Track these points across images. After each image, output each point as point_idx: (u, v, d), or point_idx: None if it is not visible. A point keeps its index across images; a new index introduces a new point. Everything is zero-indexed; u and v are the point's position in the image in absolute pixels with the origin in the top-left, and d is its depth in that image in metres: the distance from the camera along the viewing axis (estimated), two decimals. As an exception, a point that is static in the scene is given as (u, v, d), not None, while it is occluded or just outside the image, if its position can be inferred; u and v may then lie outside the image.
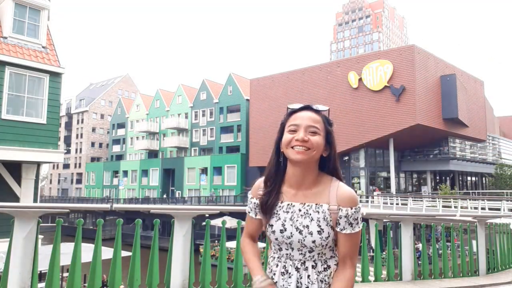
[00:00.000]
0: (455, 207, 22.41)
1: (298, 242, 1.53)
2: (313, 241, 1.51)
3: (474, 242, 7.04)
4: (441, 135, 37.29)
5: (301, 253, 1.54)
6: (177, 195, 49.84)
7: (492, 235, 7.49)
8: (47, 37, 13.23)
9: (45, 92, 12.29)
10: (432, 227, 15.73)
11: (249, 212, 1.71)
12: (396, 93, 33.72)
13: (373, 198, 31.03)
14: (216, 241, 23.94)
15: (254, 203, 1.67)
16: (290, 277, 1.54)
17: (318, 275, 1.53)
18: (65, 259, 3.94)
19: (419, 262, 6.02)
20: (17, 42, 12.24)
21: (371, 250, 13.82)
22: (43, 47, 12.83)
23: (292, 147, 1.52)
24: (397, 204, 26.22)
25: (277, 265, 1.59)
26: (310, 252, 1.53)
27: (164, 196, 50.09)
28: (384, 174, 40.42)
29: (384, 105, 34.39)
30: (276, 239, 1.57)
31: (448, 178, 44.59)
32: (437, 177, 45.30)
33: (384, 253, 6.70)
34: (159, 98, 60.26)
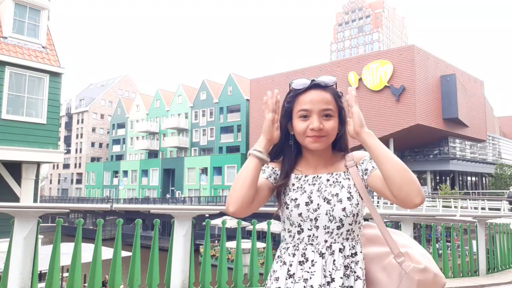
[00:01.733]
0: (455, 207, 22.41)
1: (326, 214, 1.35)
2: (343, 209, 1.35)
3: (474, 242, 7.04)
4: (441, 135, 37.31)
5: (328, 232, 1.35)
6: (177, 195, 49.85)
7: (492, 235, 7.49)
8: (47, 37, 13.24)
9: (45, 92, 12.29)
10: (432, 227, 15.72)
11: (263, 171, 1.47)
12: (396, 93, 33.73)
13: (373, 198, 31.05)
14: (216, 241, 23.94)
15: (272, 168, 1.48)
16: (313, 265, 1.32)
17: (344, 260, 1.33)
18: (65, 259, 3.94)
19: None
20: (17, 42, 12.24)
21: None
22: (43, 47, 12.83)
23: (307, 136, 1.39)
24: (397, 204, 26.19)
25: (293, 254, 1.36)
26: (338, 228, 1.35)
27: (167, 195, 50.09)
28: (384, 174, 40.40)
29: (384, 105, 34.39)
30: (300, 214, 1.37)
31: (448, 178, 44.60)
32: (437, 177, 45.30)
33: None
34: (159, 98, 60.27)
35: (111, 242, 4.23)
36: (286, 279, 1.34)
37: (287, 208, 1.40)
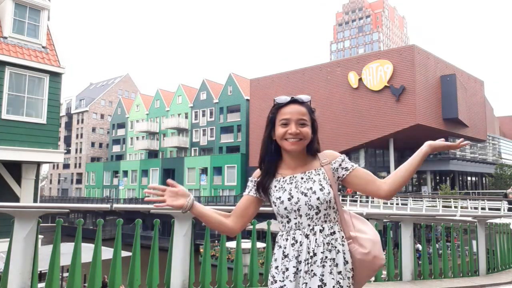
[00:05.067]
0: (455, 207, 22.39)
1: (305, 204, 1.70)
2: (318, 198, 1.69)
3: (474, 242, 7.03)
4: (441, 135, 37.24)
5: (309, 217, 1.70)
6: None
7: (492, 235, 7.48)
8: (47, 37, 13.23)
9: (45, 92, 12.29)
10: (432, 227, 15.72)
11: (244, 192, 1.86)
12: (396, 93, 33.71)
13: (373, 198, 31.02)
14: (216, 241, 23.93)
15: (254, 181, 1.84)
16: (301, 245, 1.67)
17: (324, 238, 1.68)
18: (65, 259, 3.94)
19: (419, 262, 6.02)
20: (17, 42, 12.24)
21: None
22: (43, 47, 12.83)
23: (286, 139, 1.74)
24: (397, 204, 26.23)
25: (286, 239, 1.72)
26: (317, 214, 1.70)
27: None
28: (384, 174, 40.39)
29: (384, 105, 34.37)
30: (285, 208, 1.72)
31: (448, 178, 44.58)
32: (437, 177, 45.29)
33: (384, 253, 6.71)
34: (159, 98, 60.25)
35: (111, 242, 4.22)
36: (282, 259, 1.70)
37: (275, 205, 1.76)
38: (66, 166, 71.75)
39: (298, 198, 1.71)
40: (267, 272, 4.52)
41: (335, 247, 1.67)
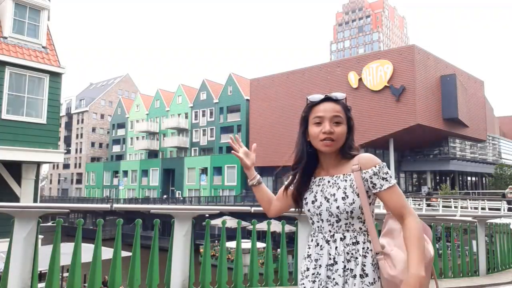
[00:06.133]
0: (455, 207, 22.39)
1: (326, 210, 1.63)
2: (337, 207, 1.60)
3: (474, 242, 7.03)
4: (441, 135, 37.29)
5: (330, 224, 1.64)
6: (177, 195, 49.80)
7: (492, 235, 7.48)
8: (47, 37, 13.23)
9: (45, 92, 12.29)
10: (432, 227, 15.69)
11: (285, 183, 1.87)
12: (396, 93, 33.71)
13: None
14: (216, 241, 23.94)
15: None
16: (321, 249, 1.64)
17: (345, 247, 1.59)
18: (65, 259, 3.93)
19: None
20: (17, 42, 12.24)
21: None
22: (43, 47, 12.83)
23: (320, 140, 1.65)
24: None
25: (312, 240, 1.71)
26: (337, 222, 1.63)
27: (164, 197, 50.03)
28: (384, 174, 40.37)
29: (384, 105, 34.37)
30: (309, 210, 1.71)
31: (448, 178, 44.57)
32: (437, 177, 45.28)
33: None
34: (159, 98, 60.25)
35: (111, 242, 4.22)
36: (305, 258, 1.71)
37: (304, 205, 1.75)
38: (66, 166, 71.74)
39: (320, 202, 1.65)
40: (267, 272, 4.53)
41: (356, 258, 1.57)
